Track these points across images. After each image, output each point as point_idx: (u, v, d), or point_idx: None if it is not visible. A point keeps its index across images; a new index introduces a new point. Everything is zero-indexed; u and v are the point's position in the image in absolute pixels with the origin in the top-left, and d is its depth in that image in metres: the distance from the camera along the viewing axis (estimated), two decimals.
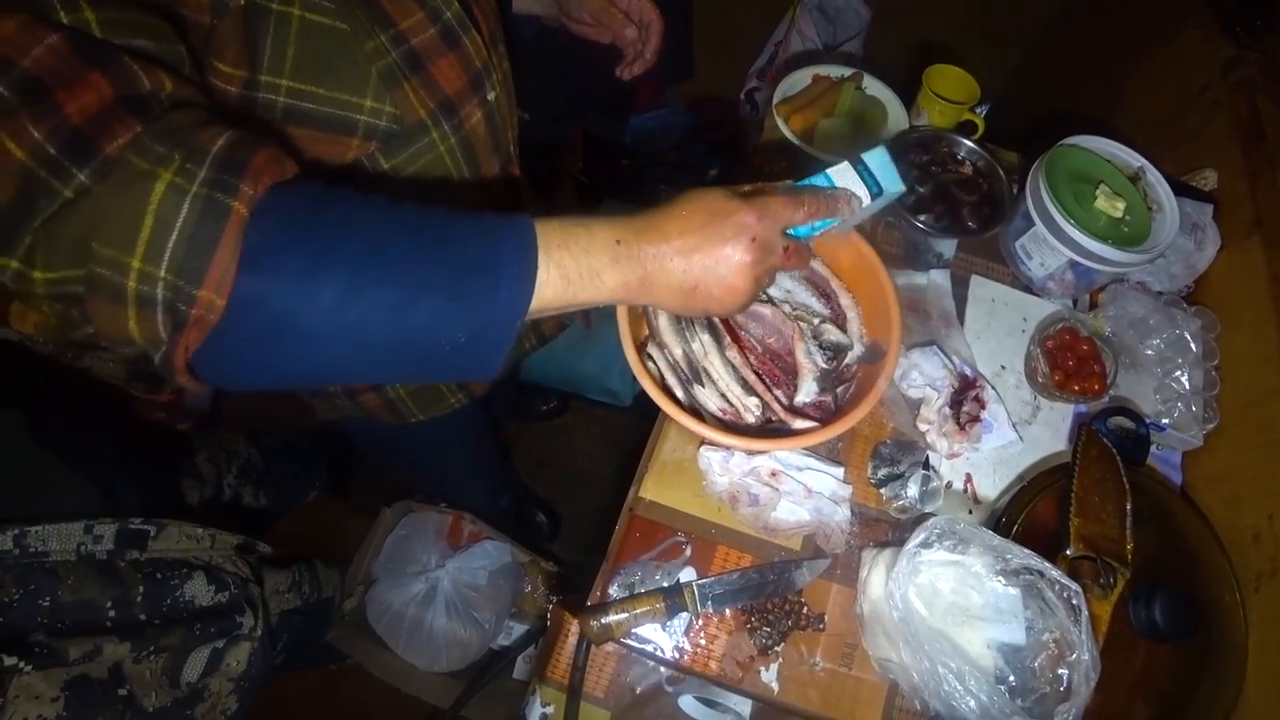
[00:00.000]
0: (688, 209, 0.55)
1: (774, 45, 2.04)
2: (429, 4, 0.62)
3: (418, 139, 0.65)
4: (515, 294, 0.48)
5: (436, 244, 0.47)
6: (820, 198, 0.60)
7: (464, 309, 0.47)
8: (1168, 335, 0.95)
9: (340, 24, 0.56)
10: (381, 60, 0.59)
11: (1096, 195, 0.94)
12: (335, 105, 0.59)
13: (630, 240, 0.52)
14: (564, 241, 0.50)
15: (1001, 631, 0.67)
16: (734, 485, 0.79)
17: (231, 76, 0.53)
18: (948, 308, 0.97)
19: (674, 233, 0.54)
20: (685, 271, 0.54)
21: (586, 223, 0.52)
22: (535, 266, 0.48)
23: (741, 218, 0.54)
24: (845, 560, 0.81)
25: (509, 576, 1.57)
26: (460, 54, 0.66)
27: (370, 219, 0.46)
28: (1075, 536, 0.72)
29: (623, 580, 0.78)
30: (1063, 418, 0.93)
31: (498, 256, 0.48)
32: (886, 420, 0.88)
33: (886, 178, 0.66)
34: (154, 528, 0.90)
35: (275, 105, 0.56)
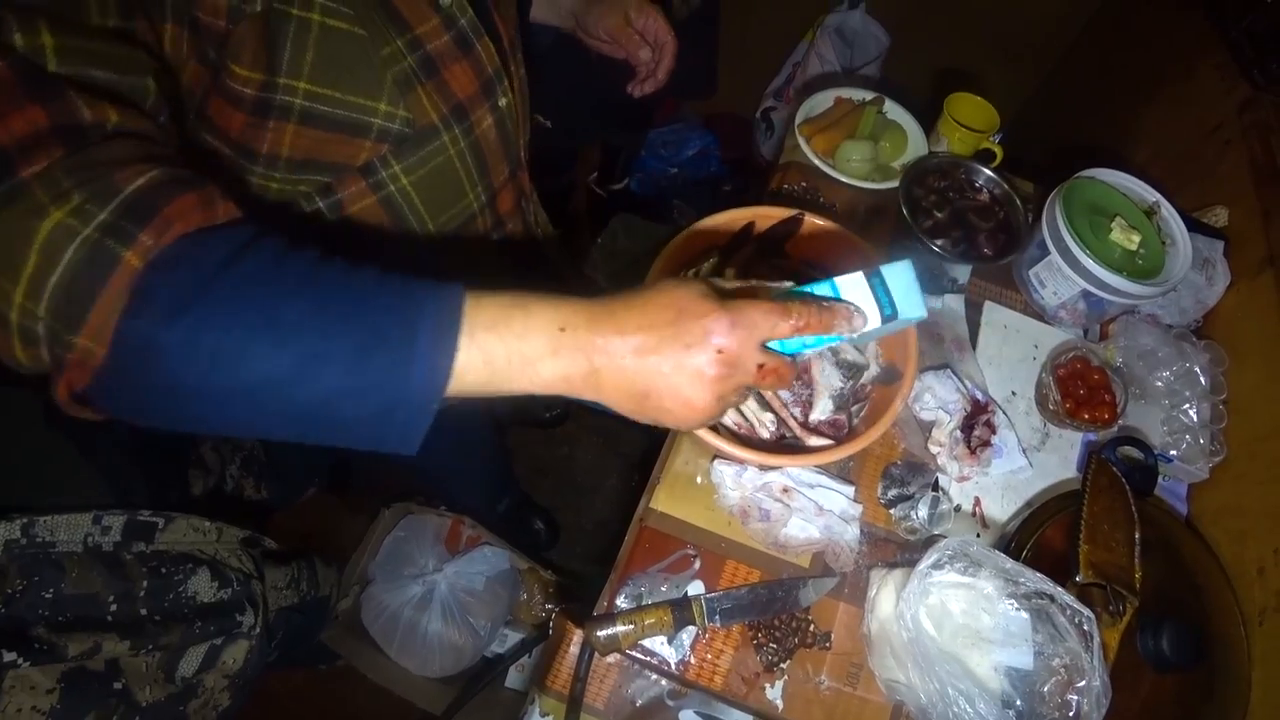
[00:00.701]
0: (654, 302, 0.48)
1: (792, 66, 2.06)
2: (444, 10, 0.63)
3: (429, 142, 0.67)
4: (429, 376, 0.43)
5: (343, 315, 0.42)
6: (813, 311, 0.51)
7: (367, 386, 0.42)
8: (1177, 368, 0.96)
9: (359, 29, 0.57)
10: (397, 65, 0.61)
11: (1112, 228, 0.95)
12: (350, 108, 0.60)
13: (579, 329, 0.46)
14: (495, 323, 0.45)
15: (1010, 655, 0.67)
16: (745, 500, 0.79)
17: (248, 79, 0.54)
18: (961, 332, 0.97)
19: (631, 327, 0.47)
20: (637, 374, 0.47)
21: (528, 304, 0.46)
22: (454, 349, 0.43)
23: (710, 323, 0.47)
24: (853, 579, 0.81)
25: (506, 583, 1.56)
26: (473, 60, 0.67)
27: (280, 278, 0.42)
28: (1085, 563, 0.72)
29: (630, 591, 0.78)
30: (1071, 446, 0.94)
31: (412, 334, 0.43)
32: (898, 441, 0.88)
33: (906, 299, 0.55)
34: (162, 520, 0.90)
35: (292, 107, 0.57)
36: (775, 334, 0.50)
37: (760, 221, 0.84)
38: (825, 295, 0.54)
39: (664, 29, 0.94)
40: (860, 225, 1.05)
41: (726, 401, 0.51)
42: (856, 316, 0.53)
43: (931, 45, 1.94)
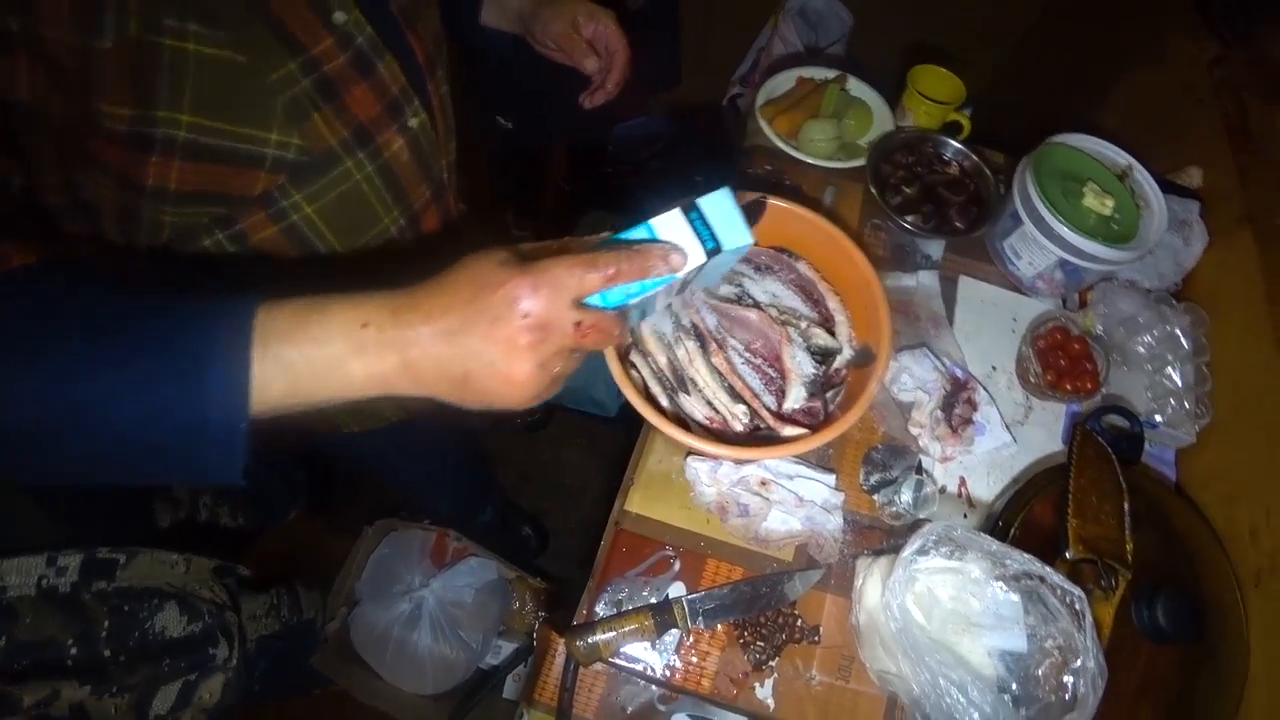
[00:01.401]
0: (454, 280, 0.46)
1: (756, 52, 2.03)
2: (338, 29, 0.60)
3: (330, 168, 0.63)
4: (225, 394, 0.41)
5: (126, 343, 0.41)
6: (624, 257, 0.48)
7: (160, 411, 0.41)
8: (1158, 332, 0.94)
9: (238, 56, 0.54)
10: (289, 91, 0.57)
11: (1084, 193, 0.93)
12: (240, 139, 0.57)
13: (382, 323, 0.44)
14: (290, 330, 0.43)
15: (1003, 639, 0.64)
16: (723, 496, 0.76)
17: (117, 115, 0.51)
18: (937, 309, 0.95)
19: (436, 311, 0.45)
20: (451, 358, 0.45)
21: (325, 306, 0.44)
22: (247, 362, 0.41)
23: (511, 290, 0.45)
24: (839, 570, 0.78)
25: (495, 594, 1.54)
26: (375, 81, 0.64)
27: (55, 315, 0.41)
28: (1074, 539, 0.70)
29: (609, 597, 0.76)
30: (1055, 418, 0.91)
31: (199, 351, 0.41)
32: (878, 425, 0.86)
33: (727, 230, 0.53)
34: (124, 555, 0.86)
35: (175, 140, 0.54)
36: (585, 287, 0.47)
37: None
38: (641, 238, 0.52)
39: (615, 36, 0.89)
40: (828, 206, 1.03)
41: (551, 369, 0.48)
42: (674, 254, 0.51)
43: (898, 22, 1.92)
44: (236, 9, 0.53)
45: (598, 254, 0.48)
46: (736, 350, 0.74)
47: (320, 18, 0.59)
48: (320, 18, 0.59)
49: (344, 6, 0.60)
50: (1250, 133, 0.99)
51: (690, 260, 0.52)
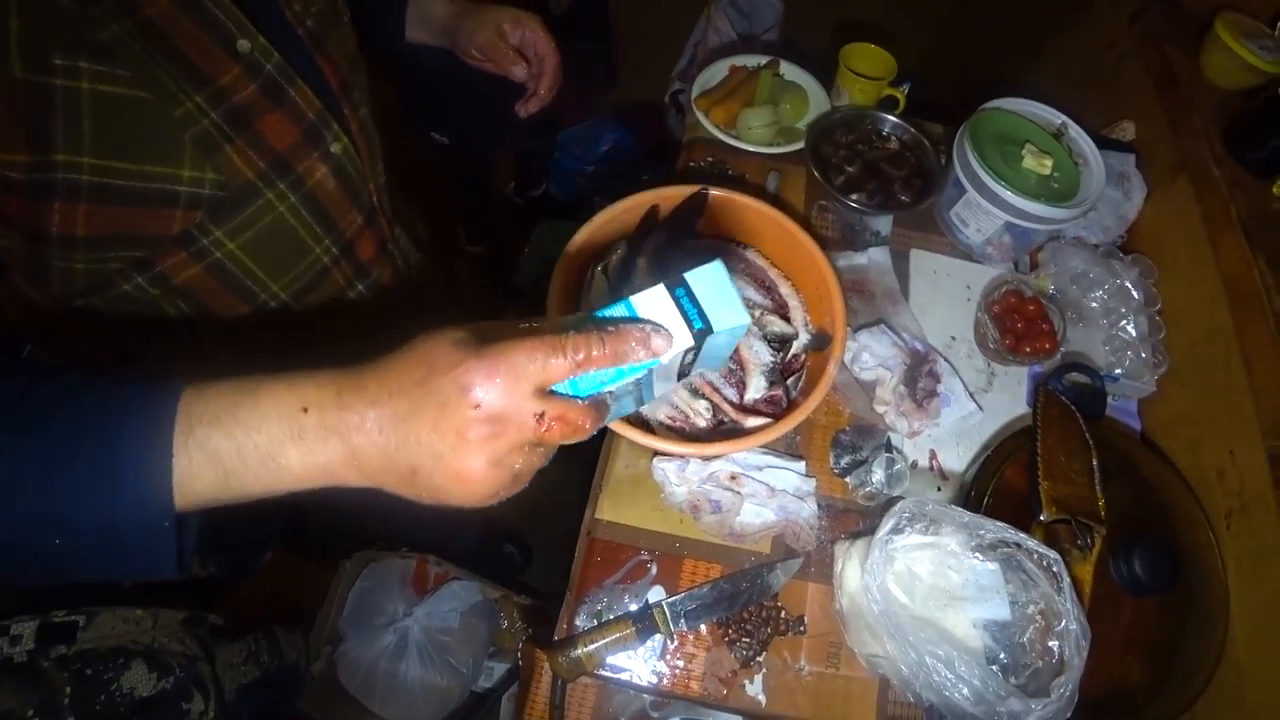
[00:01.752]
0: (403, 361, 0.40)
1: (693, 46, 2.03)
2: (245, 58, 0.58)
3: (250, 201, 0.61)
4: (144, 487, 0.37)
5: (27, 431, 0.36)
6: (596, 341, 0.41)
7: (68, 509, 0.36)
8: (1109, 286, 0.95)
9: (141, 93, 0.52)
10: (195, 125, 0.55)
11: (1023, 155, 0.93)
12: (148, 179, 0.54)
13: (324, 405, 0.39)
14: (218, 416, 0.38)
15: (986, 609, 0.64)
16: (693, 494, 0.75)
17: (11, 162, 0.49)
18: (891, 285, 0.95)
19: (383, 394, 0.39)
20: (398, 447, 0.39)
21: (258, 387, 0.39)
22: (167, 451, 0.37)
23: (463, 375, 0.38)
24: (818, 557, 0.77)
25: (482, 615, 1.51)
26: (289, 109, 0.62)
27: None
28: (1047, 500, 0.70)
29: (589, 609, 0.74)
30: (1018, 381, 0.92)
31: (112, 439, 0.36)
32: (843, 407, 0.85)
33: (719, 308, 0.45)
34: (83, 617, 0.83)
35: (79, 185, 0.52)
36: (549, 375, 0.40)
37: (664, 203, 0.80)
38: (619, 317, 0.45)
39: (543, 42, 0.86)
40: (773, 192, 1.02)
41: (509, 466, 0.41)
42: (655, 337, 0.43)
43: (828, 3, 1.93)
44: (133, 43, 0.51)
45: (566, 337, 0.41)
46: None
47: (223, 48, 0.57)
48: (223, 48, 0.57)
49: (247, 34, 0.58)
50: (1176, 81, 1.01)
51: (676, 343, 0.45)
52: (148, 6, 0.52)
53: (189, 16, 0.54)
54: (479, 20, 0.85)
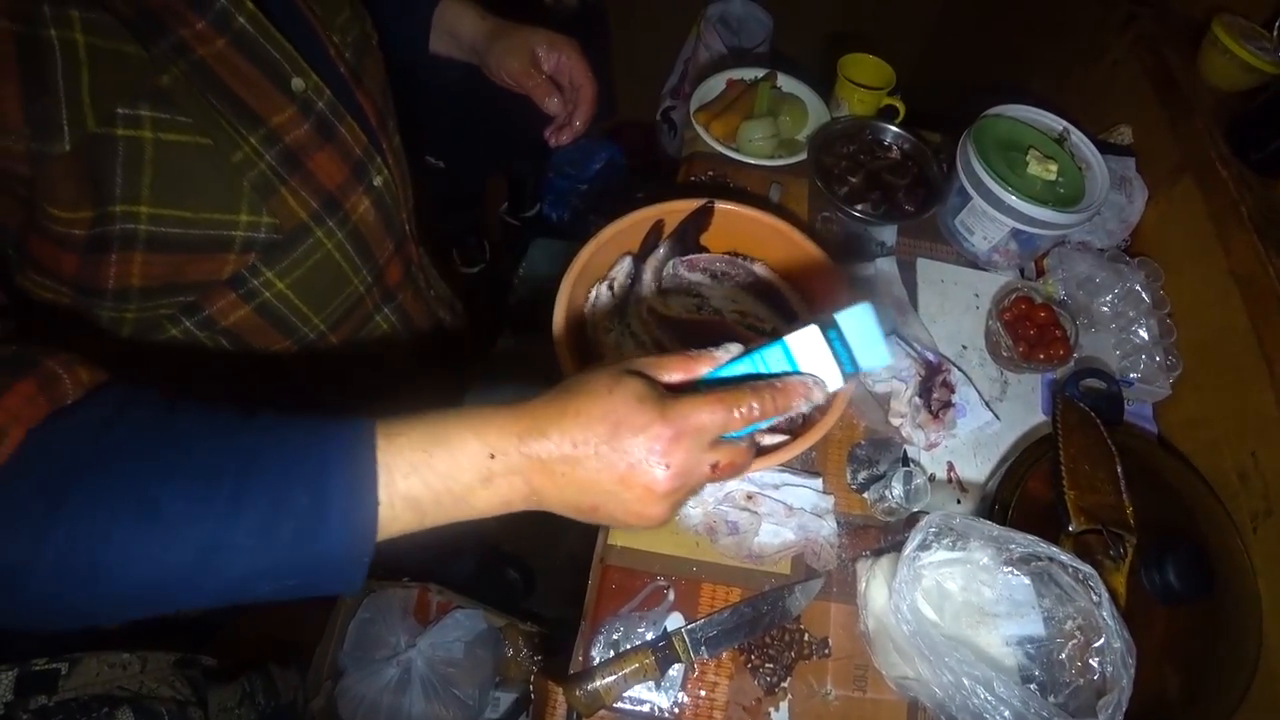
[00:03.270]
0: (586, 413, 0.42)
1: (683, 63, 2.03)
2: (299, 97, 0.57)
3: (301, 242, 0.60)
4: (350, 538, 0.38)
5: (237, 490, 0.37)
6: (767, 399, 0.44)
7: (281, 565, 0.38)
8: (1119, 290, 0.94)
9: (201, 139, 0.51)
10: (254, 169, 0.54)
11: (1028, 161, 0.92)
12: (205, 226, 0.53)
13: (509, 452, 0.41)
14: (415, 466, 0.40)
15: (1020, 626, 0.62)
16: (709, 515, 0.73)
17: (73, 220, 0.47)
18: (899, 295, 0.93)
19: (565, 444, 0.41)
20: (581, 492, 0.43)
21: (448, 434, 0.41)
22: (374, 505, 0.38)
23: (652, 440, 0.41)
24: (840, 576, 0.75)
25: (487, 645, 1.47)
26: (338, 145, 0.61)
27: (155, 453, 0.37)
28: (1074, 510, 0.68)
29: (605, 639, 0.71)
30: (1032, 389, 0.90)
31: (322, 499, 0.37)
32: (857, 420, 0.83)
33: (867, 349, 0.47)
34: (65, 664, 0.79)
35: (136, 235, 0.50)
36: (728, 429, 0.44)
37: (669, 218, 0.78)
38: (777, 360, 0.47)
39: (580, 70, 0.81)
40: (775, 205, 1.01)
41: (680, 507, 0.46)
42: (815, 390, 0.46)
43: (817, 16, 1.94)
44: (190, 87, 0.50)
45: (738, 394, 0.44)
46: None
47: (278, 87, 0.55)
48: (278, 87, 0.55)
49: (300, 71, 0.57)
50: (1176, 83, 1.00)
51: (829, 387, 0.47)
52: (200, 46, 0.50)
53: (243, 55, 0.53)
54: (511, 44, 0.80)
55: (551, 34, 0.81)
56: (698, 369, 0.46)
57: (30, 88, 0.43)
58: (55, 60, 0.43)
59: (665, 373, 0.45)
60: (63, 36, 0.43)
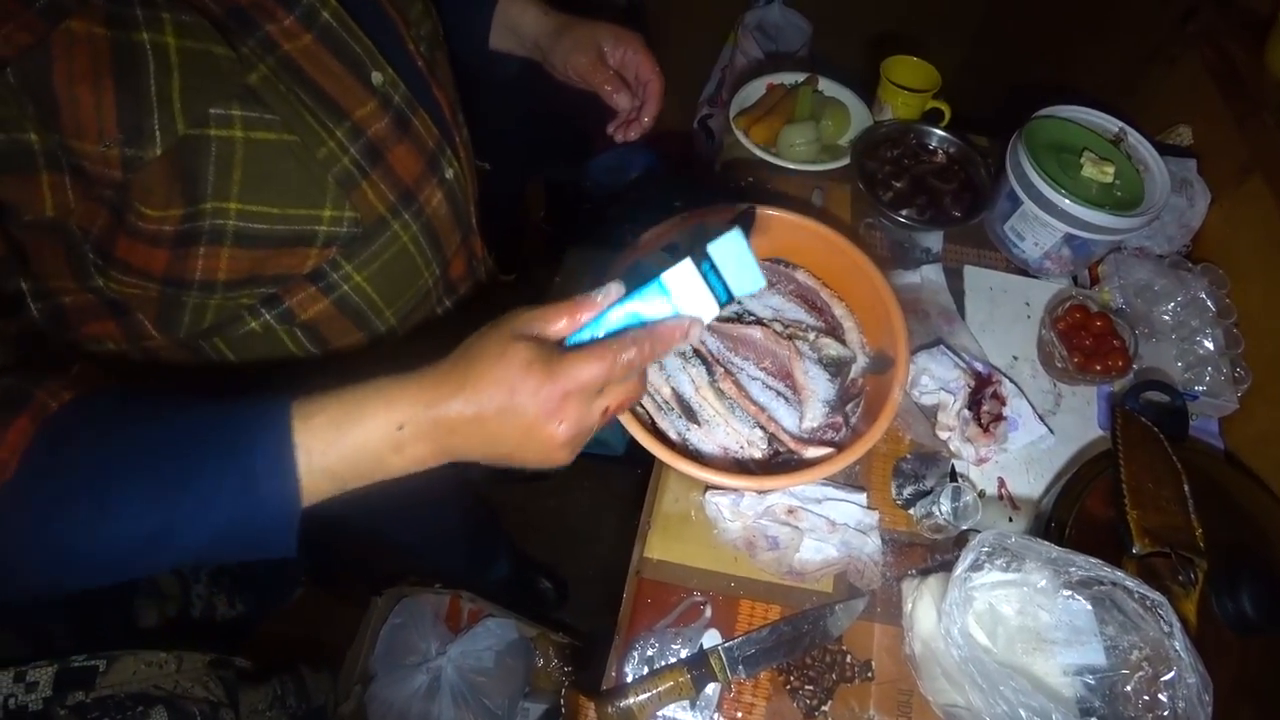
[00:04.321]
0: (483, 378, 0.45)
1: (720, 71, 2.01)
2: (380, 91, 0.57)
3: (379, 235, 0.60)
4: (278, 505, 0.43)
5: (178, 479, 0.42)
6: (645, 345, 0.47)
7: (222, 534, 0.43)
8: (1181, 298, 0.89)
9: (289, 135, 0.51)
10: (338, 164, 0.55)
11: (1082, 163, 0.88)
12: (291, 221, 0.54)
13: (418, 420, 0.45)
14: (330, 441, 0.43)
15: (1079, 654, 0.58)
16: (749, 530, 0.70)
17: (165, 218, 0.49)
18: (946, 303, 0.90)
19: (469, 412, 0.45)
20: (489, 445, 0.47)
21: (361, 409, 0.44)
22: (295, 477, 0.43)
23: (545, 399, 0.45)
24: (884, 596, 0.72)
25: (518, 654, 1.46)
26: (413, 138, 0.61)
27: (103, 454, 0.42)
28: (1138, 532, 0.64)
29: (639, 654, 0.69)
30: (1087, 402, 0.86)
31: (249, 479, 0.42)
32: (903, 433, 0.80)
33: (740, 276, 0.49)
34: (103, 661, 0.80)
35: (225, 230, 0.51)
36: (610, 380, 0.47)
37: (709, 223, 0.76)
38: (655, 296, 0.49)
39: (646, 64, 0.79)
40: (817, 210, 0.98)
41: (582, 440, 0.49)
42: (693, 327, 0.50)
43: (857, 20, 1.90)
44: (279, 84, 0.50)
45: (617, 344, 0.47)
46: (744, 372, 0.69)
47: (359, 81, 0.55)
48: (359, 81, 0.55)
49: (379, 65, 0.57)
50: (1241, 78, 0.96)
51: (705, 318, 0.50)
52: (287, 42, 0.51)
53: (328, 50, 0.53)
54: (577, 40, 0.78)
55: (617, 28, 0.79)
56: (581, 315, 0.48)
57: (124, 95, 0.44)
58: (148, 66, 0.44)
59: (551, 325, 0.47)
60: (155, 40, 0.44)
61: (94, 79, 0.43)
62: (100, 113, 0.43)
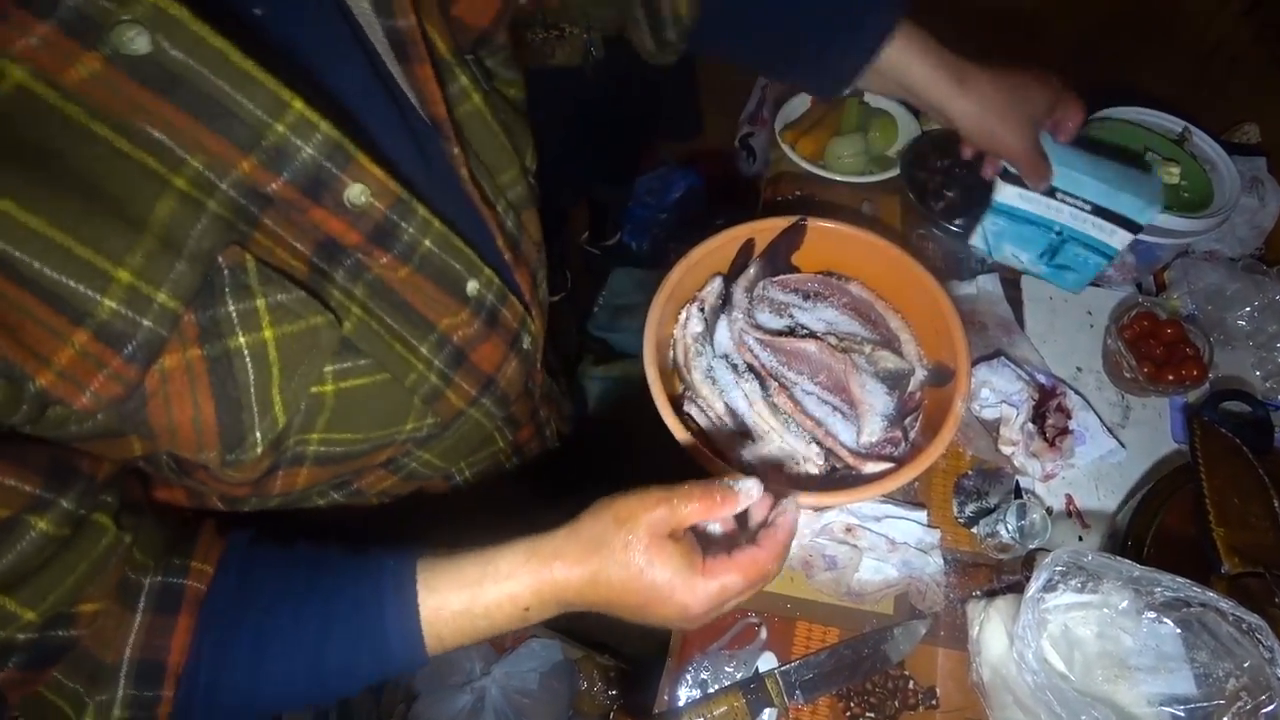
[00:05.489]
0: (617, 585, 0.45)
1: (760, 89, 2.01)
2: (473, 298, 0.53)
3: (457, 424, 0.59)
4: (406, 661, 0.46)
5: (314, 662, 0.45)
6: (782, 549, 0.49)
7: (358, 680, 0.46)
8: (1257, 303, 0.85)
9: (380, 375, 0.48)
10: (425, 385, 0.52)
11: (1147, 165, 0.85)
12: (373, 440, 0.52)
13: (545, 603, 0.46)
14: (457, 632, 0.46)
15: (1167, 682, 0.54)
16: (805, 549, 0.68)
17: (250, 476, 0.48)
18: (1004, 314, 0.87)
19: (601, 604, 0.47)
20: (618, 616, 0.48)
21: (486, 604, 0.45)
22: (423, 653, 0.46)
23: (682, 608, 0.46)
24: (947, 619, 0.69)
25: (562, 676, 1.44)
26: (500, 330, 0.57)
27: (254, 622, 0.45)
28: (1226, 550, 0.60)
29: (691, 677, 0.67)
30: (1159, 414, 0.82)
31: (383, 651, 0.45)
32: (963, 448, 0.77)
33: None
34: None
35: (305, 455, 0.49)
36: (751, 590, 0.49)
37: (759, 237, 0.75)
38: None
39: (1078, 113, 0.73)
40: (867, 222, 0.96)
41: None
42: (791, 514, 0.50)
43: None
44: (370, 320, 0.47)
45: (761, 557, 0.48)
46: (799, 386, 0.67)
47: (452, 293, 0.51)
48: (452, 293, 0.51)
49: (475, 273, 0.52)
50: None
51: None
52: (375, 265, 0.46)
53: (425, 276, 0.48)
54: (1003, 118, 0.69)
55: (1045, 90, 0.71)
56: (718, 512, 0.47)
57: (223, 412, 0.41)
58: (247, 375, 0.41)
59: (688, 517, 0.46)
60: (251, 343, 0.40)
61: (193, 407, 0.39)
62: (200, 432, 0.41)
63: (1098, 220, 0.74)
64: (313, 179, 0.39)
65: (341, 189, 0.40)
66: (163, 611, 0.42)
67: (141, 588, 0.43)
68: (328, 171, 0.39)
